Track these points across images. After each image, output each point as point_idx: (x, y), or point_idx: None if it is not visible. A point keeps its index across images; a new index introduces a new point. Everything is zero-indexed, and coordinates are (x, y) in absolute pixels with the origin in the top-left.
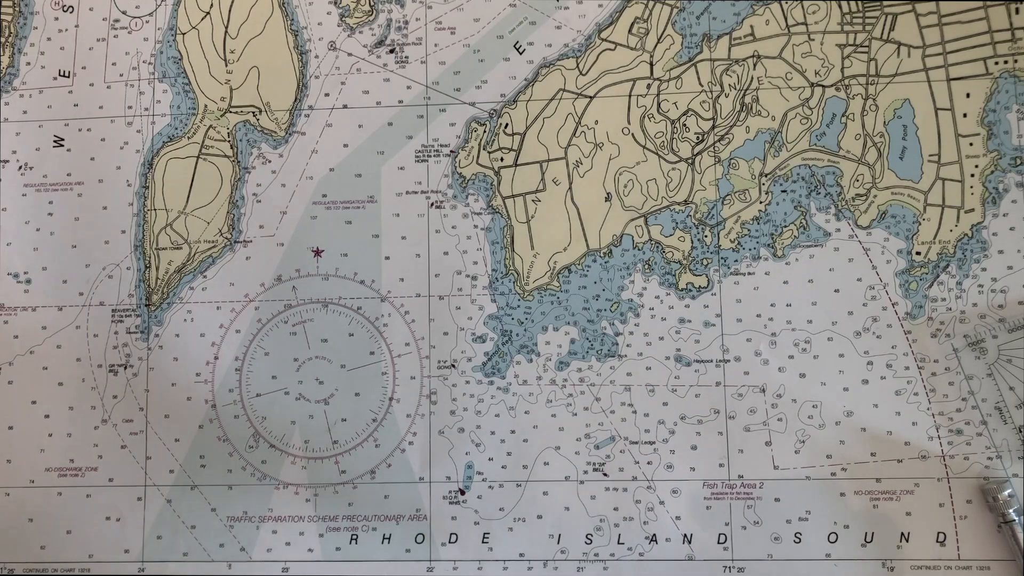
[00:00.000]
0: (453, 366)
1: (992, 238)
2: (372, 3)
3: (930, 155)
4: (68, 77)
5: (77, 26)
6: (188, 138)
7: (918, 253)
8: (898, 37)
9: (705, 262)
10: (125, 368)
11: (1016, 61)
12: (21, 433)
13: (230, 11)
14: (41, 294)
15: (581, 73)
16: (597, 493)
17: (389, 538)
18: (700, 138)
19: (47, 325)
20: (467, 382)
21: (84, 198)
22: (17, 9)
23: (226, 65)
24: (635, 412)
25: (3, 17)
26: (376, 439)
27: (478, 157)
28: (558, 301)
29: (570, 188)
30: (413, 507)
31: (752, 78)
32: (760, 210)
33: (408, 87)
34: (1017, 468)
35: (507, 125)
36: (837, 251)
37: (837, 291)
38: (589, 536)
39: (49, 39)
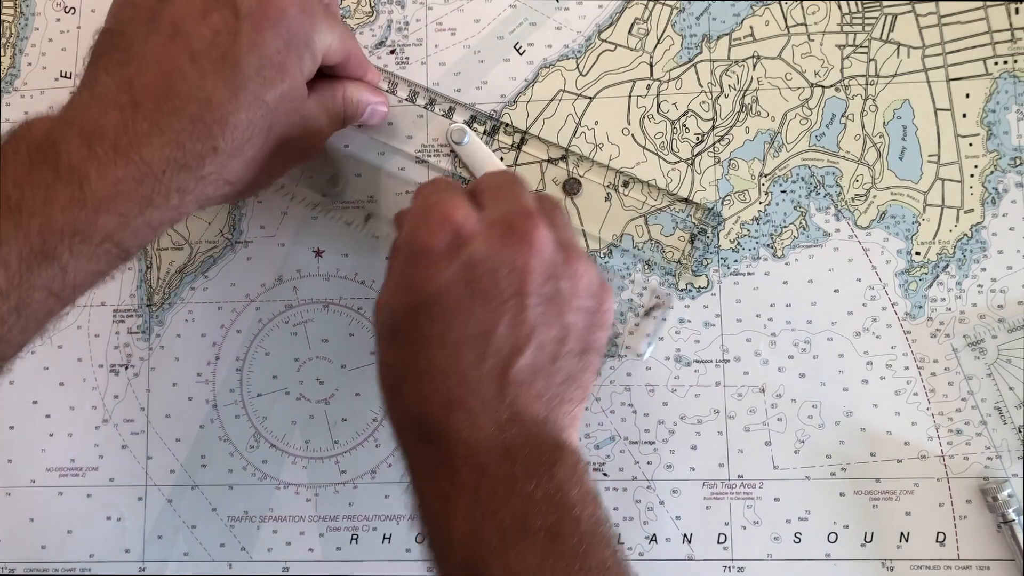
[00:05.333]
0: None
1: (992, 238)
2: (373, 4)
3: (930, 155)
4: (70, 78)
5: (79, 27)
6: None
7: (918, 253)
8: (898, 38)
9: (705, 262)
10: (126, 368)
11: (1016, 61)
12: (22, 433)
13: None
14: None
15: (581, 74)
16: None
17: (390, 538)
18: (700, 139)
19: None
20: None
21: None
22: (18, 10)
23: None
24: (635, 412)
25: (4, 18)
26: (377, 439)
27: None
28: None
29: None
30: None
31: (752, 79)
32: (760, 210)
33: (408, 87)
34: (1017, 468)
35: (507, 125)
36: (837, 251)
37: (837, 291)
38: None
39: (51, 40)
